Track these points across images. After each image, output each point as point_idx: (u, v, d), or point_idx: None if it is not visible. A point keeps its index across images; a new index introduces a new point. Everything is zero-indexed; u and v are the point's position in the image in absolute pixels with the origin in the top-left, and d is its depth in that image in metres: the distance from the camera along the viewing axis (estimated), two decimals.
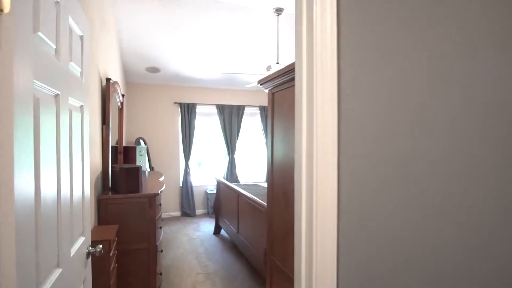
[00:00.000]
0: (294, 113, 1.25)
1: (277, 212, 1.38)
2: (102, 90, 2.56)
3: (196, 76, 4.98)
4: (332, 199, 0.78)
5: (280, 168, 1.35)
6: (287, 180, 1.29)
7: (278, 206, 1.37)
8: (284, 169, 1.30)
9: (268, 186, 1.47)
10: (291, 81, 1.21)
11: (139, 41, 3.82)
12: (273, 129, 1.41)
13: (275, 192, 1.40)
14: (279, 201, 1.35)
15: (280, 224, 1.35)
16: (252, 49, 4.11)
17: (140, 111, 5.12)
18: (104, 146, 2.51)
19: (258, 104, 5.80)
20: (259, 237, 2.67)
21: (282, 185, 1.31)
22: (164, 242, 3.97)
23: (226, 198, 3.96)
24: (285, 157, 1.28)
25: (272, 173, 1.43)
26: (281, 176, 1.33)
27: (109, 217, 2.30)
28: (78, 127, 1.22)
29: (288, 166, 1.26)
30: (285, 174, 1.31)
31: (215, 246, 3.86)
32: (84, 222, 1.31)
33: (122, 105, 3.46)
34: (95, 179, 2.28)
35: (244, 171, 5.87)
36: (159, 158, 5.21)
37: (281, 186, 1.33)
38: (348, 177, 0.77)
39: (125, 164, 3.44)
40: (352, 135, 0.76)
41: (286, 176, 1.30)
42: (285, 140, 1.29)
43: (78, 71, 1.23)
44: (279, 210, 1.35)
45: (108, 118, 2.53)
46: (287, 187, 1.27)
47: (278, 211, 1.36)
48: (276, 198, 1.39)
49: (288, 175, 1.27)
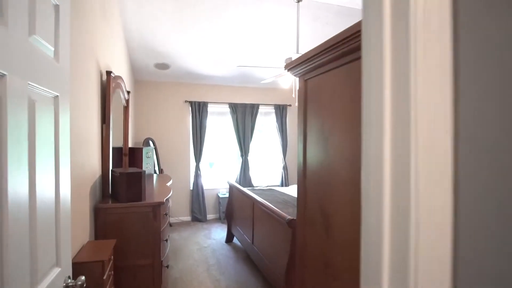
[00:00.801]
0: (341, 103, 0.91)
1: (312, 238, 1.03)
2: (102, 86, 2.28)
3: (208, 72, 4.68)
4: (445, 234, 0.44)
5: (317, 180, 1.01)
6: (328, 197, 0.94)
7: (313, 230, 1.02)
8: (324, 182, 0.96)
9: (299, 201, 1.13)
10: (340, 59, 0.86)
11: (147, 35, 3.55)
12: (306, 127, 1.07)
13: (309, 210, 1.06)
14: (315, 223, 1.01)
15: (316, 253, 1.00)
16: (269, 41, 3.78)
17: (149, 110, 4.87)
18: (103, 147, 2.23)
19: (273, 103, 5.46)
20: (278, 252, 2.33)
21: (321, 203, 0.97)
22: (173, 250, 3.68)
23: (239, 204, 3.64)
24: (326, 165, 0.93)
25: (305, 186, 1.08)
26: (319, 190, 0.99)
27: (108, 229, 2.01)
28: (49, 123, 0.91)
29: (332, 178, 0.91)
30: (325, 189, 0.96)
31: (228, 257, 3.54)
32: (61, 247, 1.01)
33: (127, 102, 3.19)
34: (92, 185, 2.00)
35: (258, 174, 5.54)
36: (169, 159, 4.94)
37: (318, 204, 0.99)
38: (473, 202, 0.42)
39: (130, 167, 3.17)
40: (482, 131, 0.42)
41: (327, 192, 0.95)
42: (325, 141, 0.94)
43: (50, 50, 0.92)
44: (314, 235, 1.01)
45: (108, 117, 2.25)
46: (329, 207, 0.93)
47: (314, 237, 1.01)
48: (311, 219, 1.05)
49: (330, 191, 0.93)
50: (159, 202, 2.09)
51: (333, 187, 0.93)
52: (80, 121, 1.73)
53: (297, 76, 1.15)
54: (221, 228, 4.67)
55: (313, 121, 1.05)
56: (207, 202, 5.15)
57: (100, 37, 2.24)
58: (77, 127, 1.67)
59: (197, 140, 4.95)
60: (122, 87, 2.79)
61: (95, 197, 2.06)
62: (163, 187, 2.78)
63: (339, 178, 0.90)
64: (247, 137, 5.23)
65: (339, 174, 0.90)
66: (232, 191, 3.95)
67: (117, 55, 2.95)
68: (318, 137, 1.02)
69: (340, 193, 0.90)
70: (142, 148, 3.27)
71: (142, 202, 2.07)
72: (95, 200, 2.05)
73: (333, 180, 0.93)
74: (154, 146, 4.69)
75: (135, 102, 4.72)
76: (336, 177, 0.92)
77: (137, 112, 4.79)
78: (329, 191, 0.95)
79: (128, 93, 3.22)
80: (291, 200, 3.26)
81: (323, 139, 0.98)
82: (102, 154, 2.23)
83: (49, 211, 0.91)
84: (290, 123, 5.59)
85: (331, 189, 0.94)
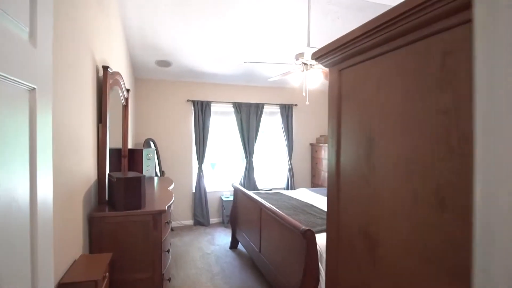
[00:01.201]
0: (393, 98, 0.71)
1: (349, 265, 0.83)
2: (98, 82, 2.09)
3: (211, 70, 4.49)
4: None
5: (356, 192, 0.81)
6: (374, 215, 0.75)
7: (351, 255, 0.83)
8: (368, 196, 0.76)
9: (330, 217, 0.93)
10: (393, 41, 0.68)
11: (147, 30, 3.35)
12: (340, 127, 0.88)
13: (345, 230, 0.86)
14: (354, 247, 0.81)
15: (355, 284, 0.81)
16: (277, 36, 3.58)
17: (150, 110, 4.68)
18: (100, 149, 2.04)
19: (278, 102, 5.26)
20: (290, 264, 2.13)
21: (362, 222, 0.77)
22: (174, 257, 3.49)
23: (244, 208, 3.44)
24: (370, 175, 0.73)
25: (338, 199, 0.89)
26: (360, 206, 0.79)
27: (103, 240, 1.82)
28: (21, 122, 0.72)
29: (379, 192, 0.72)
30: (368, 204, 0.77)
31: (233, 265, 3.34)
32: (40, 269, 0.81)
33: (127, 101, 3.00)
34: (86, 192, 1.80)
35: (263, 176, 5.34)
36: (170, 161, 4.75)
37: (358, 223, 0.79)
38: None
39: (129, 171, 2.98)
40: None
41: (371, 208, 0.76)
42: (369, 145, 0.75)
43: (23, 30, 0.73)
44: (353, 262, 0.81)
45: (105, 115, 2.05)
46: (375, 228, 0.73)
47: (351, 264, 0.81)
48: (347, 241, 0.85)
49: (377, 207, 0.73)
50: (160, 210, 1.90)
51: (381, 203, 0.73)
52: (72, 120, 1.54)
53: (328, 66, 0.95)
54: (224, 233, 4.47)
55: (351, 119, 0.86)
56: (210, 205, 4.95)
57: (96, 29, 2.05)
58: (69, 126, 1.48)
59: (200, 140, 4.76)
60: (120, 84, 2.60)
61: (89, 205, 1.87)
62: (165, 192, 2.59)
63: (392, 192, 0.70)
64: (252, 137, 5.03)
65: (391, 187, 0.70)
66: (237, 195, 3.76)
67: (115, 51, 2.76)
68: (358, 139, 0.82)
69: (394, 211, 0.70)
70: (142, 150, 3.08)
71: (142, 210, 1.88)
72: (89, 208, 1.86)
73: (382, 193, 0.73)
74: (155, 147, 4.50)
75: (135, 101, 4.53)
76: (385, 190, 0.72)
77: (138, 111, 4.60)
78: (375, 208, 0.75)
79: (128, 91, 3.03)
80: (300, 206, 3.06)
81: (367, 142, 0.78)
82: (98, 157, 2.04)
83: (19, 227, 0.71)
84: (296, 124, 5.39)
85: (378, 205, 0.74)
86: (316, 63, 2.74)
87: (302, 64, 2.77)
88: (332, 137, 0.92)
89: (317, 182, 5.26)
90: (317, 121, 5.57)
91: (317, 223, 2.43)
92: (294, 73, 2.96)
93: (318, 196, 3.76)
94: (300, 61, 2.73)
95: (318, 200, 3.50)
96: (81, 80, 1.69)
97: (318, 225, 2.37)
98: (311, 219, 2.56)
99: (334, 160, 0.91)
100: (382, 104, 0.75)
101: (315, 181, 5.33)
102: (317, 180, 5.27)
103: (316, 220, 2.54)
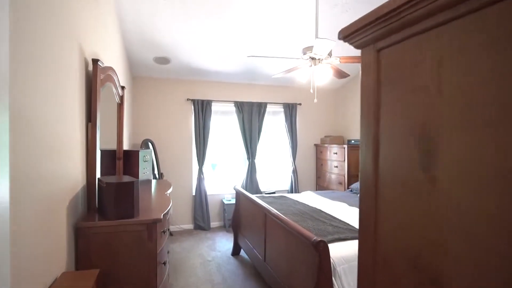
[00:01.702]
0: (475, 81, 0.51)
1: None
2: (88, 77, 1.89)
3: (212, 68, 4.29)
4: None
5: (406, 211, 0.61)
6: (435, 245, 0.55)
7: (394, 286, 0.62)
8: (424, 214, 0.57)
9: (364, 233, 0.73)
10: (465, 2, 0.47)
11: (144, 24, 3.16)
12: (379, 123, 0.68)
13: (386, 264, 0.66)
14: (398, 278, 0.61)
15: None
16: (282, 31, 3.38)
17: (148, 109, 4.49)
18: (89, 150, 1.84)
19: (281, 101, 5.06)
20: (300, 278, 1.93)
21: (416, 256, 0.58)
22: (173, 265, 3.29)
23: (247, 213, 3.24)
24: (429, 186, 0.54)
25: (376, 213, 0.69)
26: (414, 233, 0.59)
27: (92, 254, 1.62)
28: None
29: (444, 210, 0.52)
30: (424, 226, 0.57)
31: (235, 273, 3.14)
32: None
33: (122, 99, 2.80)
34: (72, 199, 1.61)
35: (266, 178, 5.14)
36: (169, 163, 4.55)
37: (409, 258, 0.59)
38: None
39: (124, 175, 2.79)
40: None
41: (430, 237, 0.56)
42: (427, 147, 0.55)
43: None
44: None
45: (95, 114, 1.86)
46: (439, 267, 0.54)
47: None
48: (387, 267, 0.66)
49: (443, 234, 0.53)
50: (155, 219, 1.70)
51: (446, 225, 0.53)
52: (54, 117, 1.34)
53: (360, 46, 0.75)
54: (226, 237, 4.27)
55: (396, 113, 0.66)
56: (211, 208, 4.75)
57: (85, 20, 1.86)
58: (48, 125, 1.28)
59: (200, 141, 4.56)
60: (114, 80, 2.41)
61: (76, 214, 1.67)
62: (162, 197, 2.39)
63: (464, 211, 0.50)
64: (254, 138, 4.83)
65: (464, 204, 0.51)
66: (239, 199, 3.55)
67: (108, 44, 2.57)
68: (408, 139, 0.62)
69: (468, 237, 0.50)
70: (138, 151, 2.88)
71: (135, 219, 1.68)
72: (76, 217, 1.66)
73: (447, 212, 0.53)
74: (153, 148, 4.30)
75: (133, 100, 4.34)
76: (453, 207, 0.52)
77: (135, 111, 4.41)
78: (436, 231, 0.55)
79: (123, 89, 2.84)
80: (307, 211, 2.86)
81: (423, 143, 0.59)
82: (87, 159, 1.84)
83: None
84: (300, 124, 5.19)
85: (440, 228, 0.54)
86: (326, 57, 2.54)
87: (310, 58, 2.57)
88: (367, 136, 0.72)
89: (322, 184, 5.06)
90: (322, 121, 5.36)
91: (327, 231, 2.23)
92: (301, 68, 2.76)
93: (325, 200, 3.55)
94: (308, 55, 2.53)
95: (326, 204, 3.30)
96: (65, 73, 1.50)
97: (329, 234, 2.16)
98: (321, 226, 2.36)
99: (370, 166, 0.71)
100: (448, 92, 0.55)
101: (320, 183, 5.13)
102: (322, 182, 5.07)
103: (326, 227, 2.33)
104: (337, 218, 2.62)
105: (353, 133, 4.91)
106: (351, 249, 1.95)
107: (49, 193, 1.30)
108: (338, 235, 2.12)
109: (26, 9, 1.09)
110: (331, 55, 2.58)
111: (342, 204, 3.29)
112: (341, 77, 3.01)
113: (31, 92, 1.13)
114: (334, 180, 4.67)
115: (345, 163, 4.36)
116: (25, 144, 1.09)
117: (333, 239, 2.04)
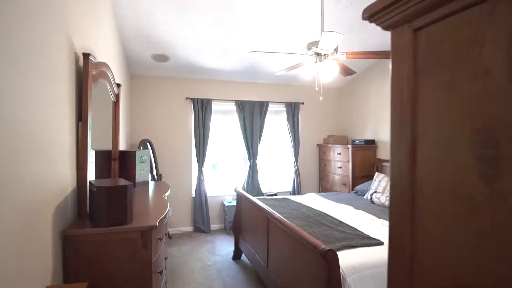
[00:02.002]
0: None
1: None
2: (79, 73, 1.76)
3: (213, 66, 4.16)
4: None
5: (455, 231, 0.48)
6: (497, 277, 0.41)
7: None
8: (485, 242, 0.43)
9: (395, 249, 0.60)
10: None
11: (142, 20, 3.03)
12: (416, 120, 0.54)
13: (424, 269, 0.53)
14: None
15: None
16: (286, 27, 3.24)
17: (146, 109, 4.36)
18: (80, 151, 1.71)
19: (284, 100, 4.93)
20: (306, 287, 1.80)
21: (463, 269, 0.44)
22: (171, 269, 3.16)
23: (249, 216, 3.11)
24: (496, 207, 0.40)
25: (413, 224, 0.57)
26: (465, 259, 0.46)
27: (81, 264, 1.49)
28: None
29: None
30: (480, 259, 0.43)
31: (236, 279, 3.01)
32: None
33: (117, 97, 2.67)
34: (60, 204, 1.48)
35: (267, 179, 5.01)
36: (168, 163, 4.43)
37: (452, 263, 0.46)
38: None
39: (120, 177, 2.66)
40: None
41: (489, 266, 0.42)
42: (490, 150, 0.40)
43: None
44: None
45: (86, 112, 1.73)
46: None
47: None
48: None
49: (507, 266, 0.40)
50: (151, 225, 1.57)
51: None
52: (37, 116, 1.21)
53: (391, 26, 0.62)
54: (226, 240, 4.14)
55: (441, 107, 0.53)
56: (211, 210, 4.62)
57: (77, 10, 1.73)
58: (31, 123, 1.15)
59: (200, 141, 4.43)
60: (109, 77, 2.28)
61: (64, 220, 1.54)
62: (159, 200, 2.26)
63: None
64: (256, 138, 4.70)
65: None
66: (240, 201, 3.42)
67: (102, 39, 2.44)
68: (459, 140, 0.49)
69: None
70: (135, 152, 2.75)
71: (128, 226, 1.55)
72: (64, 224, 1.53)
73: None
74: (151, 149, 4.18)
75: (130, 99, 4.21)
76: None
77: (133, 110, 4.28)
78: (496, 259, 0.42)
79: (119, 86, 2.71)
80: (312, 215, 2.73)
81: (481, 146, 0.45)
82: (78, 161, 1.71)
83: None
84: (302, 123, 5.06)
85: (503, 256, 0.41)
86: (332, 53, 2.41)
87: (315, 54, 2.44)
88: (400, 135, 0.59)
89: (325, 186, 4.93)
90: (325, 121, 5.23)
91: (335, 237, 2.09)
92: (306, 65, 2.63)
93: (330, 202, 3.42)
94: (313, 50, 2.39)
95: (331, 207, 3.16)
96: (52, 67, 1.37)
97: (337, 240, 2.03)
98: (327, 231, 2.22)
99: (404, 172, 0.58)
100: None
101: (323, 184, 4.99)
102: (325, 183, 4.93)
103: (333, 233, 2.20)
104: (344, 222, 2.49)
105: (358, 133, 4.77)
106: (361, 257, 1.82)
107: (31, 198, 1.18)
108: (346, 242, 1.99)
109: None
110: (337, 51, 2.45)
111: (348, 207, 3.16)
112: (347, 74, 2.88)
113: (13, 88, 1.00)
114: (338, 181, 4.53)
115: (350, 164, 4.23)
116: (2, 144, 0.96)
117: (341, 247, 1.91)
